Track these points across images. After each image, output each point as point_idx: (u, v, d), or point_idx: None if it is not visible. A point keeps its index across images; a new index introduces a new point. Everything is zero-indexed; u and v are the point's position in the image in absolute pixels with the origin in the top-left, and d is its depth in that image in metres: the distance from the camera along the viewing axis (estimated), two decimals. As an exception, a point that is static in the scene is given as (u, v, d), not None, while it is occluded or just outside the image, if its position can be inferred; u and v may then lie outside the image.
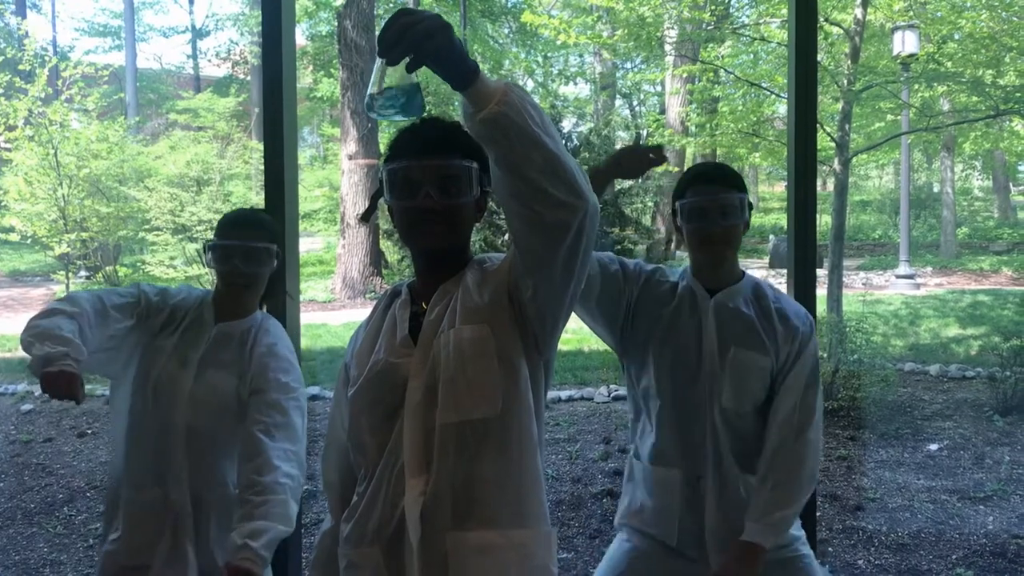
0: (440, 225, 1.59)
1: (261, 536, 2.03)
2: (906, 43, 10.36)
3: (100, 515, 2.48)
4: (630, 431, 2.38)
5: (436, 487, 1.52)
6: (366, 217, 1.77)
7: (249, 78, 22.69)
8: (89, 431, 6.78)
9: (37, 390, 7.59)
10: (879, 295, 12.24)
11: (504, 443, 1.55)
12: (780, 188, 25.09)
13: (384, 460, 1.58)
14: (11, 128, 11.45)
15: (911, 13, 10.09)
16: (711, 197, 2.19)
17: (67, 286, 11.62)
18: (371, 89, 1.39)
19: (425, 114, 1.50)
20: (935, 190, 20.88)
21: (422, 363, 1.57)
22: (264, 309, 2.56)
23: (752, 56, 12.50)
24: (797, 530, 2.30)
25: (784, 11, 9.50)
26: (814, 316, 2.43)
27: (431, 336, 1.59)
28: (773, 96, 10.99)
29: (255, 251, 2.37)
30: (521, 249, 1.51)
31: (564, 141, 1.35)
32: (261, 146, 3.48)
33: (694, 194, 2.22)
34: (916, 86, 10.31)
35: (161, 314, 2.36)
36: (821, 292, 8.22)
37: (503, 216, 1.88)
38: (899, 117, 11.57)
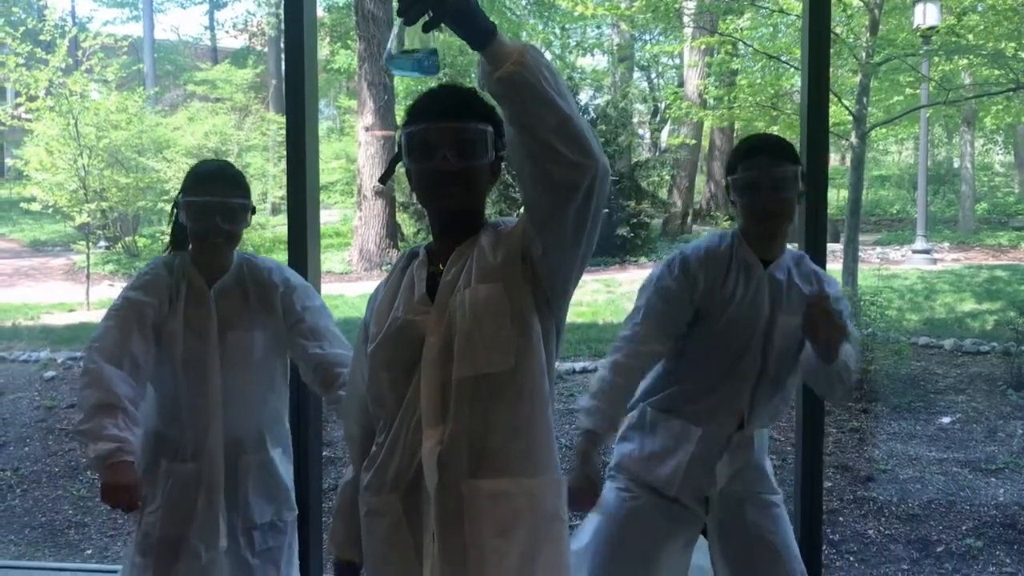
0: (457, 187, 1.64)
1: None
2: (927, 15, 10.23)
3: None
4: (650, 383, 2.39)
5: (452, 437, 1.59)
6: (384, 180, 1.82)
7: (266, 49, 22.66)
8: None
9: (60, 357, 7.72)
10: (895, 270, 12.18)
11: (517, 396, 1.61)
12: (798, 162, 24.88)
13: (402, 412, 1.64)
14: (32, 98, 11.53)
15: (932, -15, 9.98)
16: (764, 171, 2.18)
17: (87, 256, 11.72)
18: (389, 47, 1.44)
19: (440, 76, 1.54)
20: (955, 165, 20.65)
21: (439, 320, 1.63)
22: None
23: (771, 29, 12.38)
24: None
25: (804, -17, 9.40)
26: None
27: (448, 295, 1.64)
28: (792, 69, 10.89)
29: (233, 208, 2.31)
30: (532, 209, 1.56)
31: (581, 113, 1.36)
32: (278, 118, 3.52)
33: (746, 168, 2.21)
34: (936, 59, 10.19)
35: (148, 305, 2.31)
36: (837, 266, 8.21)
37: (517, 189, 1.91)
38: (918, 91, 11.42)
